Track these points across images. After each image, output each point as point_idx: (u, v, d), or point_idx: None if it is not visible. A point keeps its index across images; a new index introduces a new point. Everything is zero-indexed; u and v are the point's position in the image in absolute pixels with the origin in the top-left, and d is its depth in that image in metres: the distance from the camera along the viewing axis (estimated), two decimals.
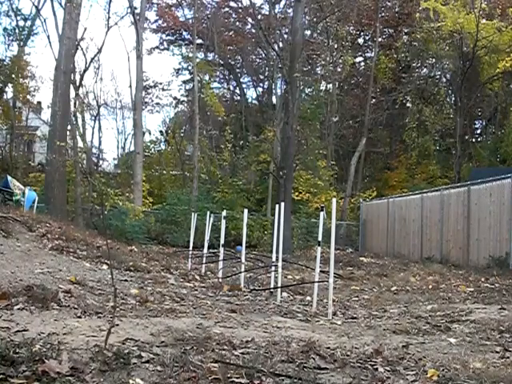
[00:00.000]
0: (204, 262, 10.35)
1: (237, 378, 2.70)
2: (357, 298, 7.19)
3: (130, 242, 14.56)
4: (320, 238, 6.16)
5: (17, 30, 26.13)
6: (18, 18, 25.96)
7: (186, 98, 33.68)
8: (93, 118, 28.58)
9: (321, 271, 6.65)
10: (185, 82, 34.00)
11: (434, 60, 27.26)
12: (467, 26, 20.92)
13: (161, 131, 32.05)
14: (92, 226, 17.14)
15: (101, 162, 30.20)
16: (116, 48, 68.45)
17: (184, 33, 32.18)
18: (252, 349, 3.45)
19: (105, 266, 7.72)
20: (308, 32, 27.53)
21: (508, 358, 3.56)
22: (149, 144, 29.64)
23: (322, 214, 6.33)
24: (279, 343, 3.69)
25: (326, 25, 25.75)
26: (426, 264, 13.01)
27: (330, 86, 27.53)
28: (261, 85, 33.11)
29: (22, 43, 26.53)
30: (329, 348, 3.63)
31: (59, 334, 3.41)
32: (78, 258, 8.02)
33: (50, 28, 55.32)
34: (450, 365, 3.25)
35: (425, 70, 30.04)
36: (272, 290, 7.04)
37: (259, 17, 27.98)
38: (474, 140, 27.71)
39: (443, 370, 3.14)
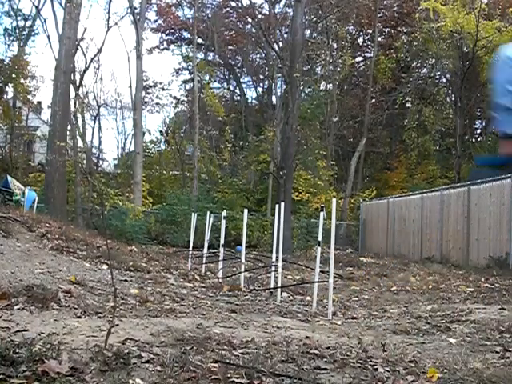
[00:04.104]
0: (204, 262, 10.34)
1: (237, 378, 2.69)
2: (357, 298, 7.19)
3: (130, 242, 14.55)
4: (320, 238, 6.15)
5: (17, 30, 26.21)
6: (19, 17, 26.08)
7: (186, 98, 33.71)
8: (93, 117, 28.62)
9: (321, 271, 6.64)
10: (185, 82, 34.07)
11: (433, 60, 27.25)
12: (467, 26, 20.92)
13: (161, 131, 32.06)
14: (92, 226, 17.15)
15: (101, 162, 30.26)
16: (116, 48, 68.55)
17: (184, 33, 32.22)
18: (252, 349, 3.45)
19: (105, 266, 7.71)
20: (308, 32, 27.55)
21: (508, 358, 3.55)
22: (149, 144, 29.65)
23: (321, 214, 6.33)
24: (279, 343, 3.68)
25: (325, 25, 25.77)
26: (425, 264, 13.01)
27: (329, 85, 27.55)
28: (261, 85, 33.15)
29: (22, 43, 26.58)
30: (329, 348, 3.63)
31: (59, 333, 3.40)
32: (78, 258, 8.01)
33: (50, 28, 55.43)
34: (450, 365, 3.24)
35: (425, 70, 30.05)
36: (272, 290, 7.03)
37: (259, 16, 27.99)
38: (473, 140, 27.73)
39: (443, 370, 3.13)
